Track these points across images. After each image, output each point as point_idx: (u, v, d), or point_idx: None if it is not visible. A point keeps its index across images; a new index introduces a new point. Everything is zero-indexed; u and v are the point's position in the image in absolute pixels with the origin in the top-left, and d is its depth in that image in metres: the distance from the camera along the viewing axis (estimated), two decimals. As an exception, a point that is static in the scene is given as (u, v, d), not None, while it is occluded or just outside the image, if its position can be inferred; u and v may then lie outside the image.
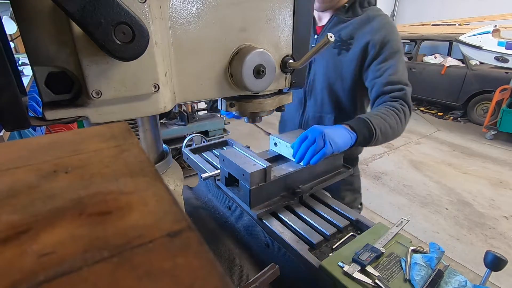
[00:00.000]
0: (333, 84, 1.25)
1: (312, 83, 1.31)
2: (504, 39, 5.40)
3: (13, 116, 0.42)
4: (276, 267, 0.72)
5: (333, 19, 1.23)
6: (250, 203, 0.89)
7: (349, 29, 1.18)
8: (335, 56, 1.21)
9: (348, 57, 1.18)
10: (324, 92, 1.29)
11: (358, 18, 1.18)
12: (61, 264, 0.18)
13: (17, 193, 0.26)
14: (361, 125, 0.99)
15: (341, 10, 1.21)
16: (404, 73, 1.14)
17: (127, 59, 0.44)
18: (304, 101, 1.38)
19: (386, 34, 1.13)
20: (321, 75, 1.27)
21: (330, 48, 1.21)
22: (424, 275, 0.67)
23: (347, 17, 1.20)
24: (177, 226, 0.22)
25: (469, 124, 5.77)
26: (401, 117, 1.06)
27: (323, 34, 1.24)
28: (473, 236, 2.76)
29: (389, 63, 1.12)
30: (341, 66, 1.21)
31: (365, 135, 0.99)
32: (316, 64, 1.28)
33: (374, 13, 1.18)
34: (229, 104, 0.71)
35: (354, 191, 1.46)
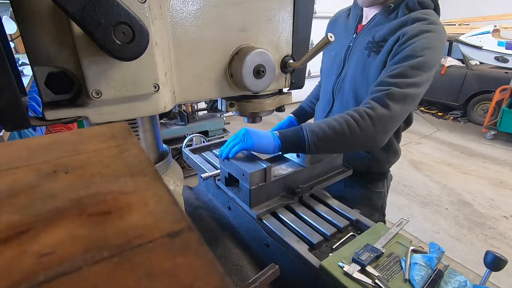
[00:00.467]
0: (359, 88, 1.16)
1: (341, 83, 1.23)
2: (504, 39, 5.40)
3: (13, 116, 0.42)
4: (276, 267, 0.72)
5: (375, 18, 1.12)
6: (250, 203, 0.89)
7: (384, 31, 1.06)
8: (365, 58, 1.11)
9: (376, 60, 1.07)
10: (350, 95, 1.20)
11: (398, 21, 1.05)
12: (61, 264, 0.18)
13: (17, 193, 0.25)
14: (292, 131, 0.94)
15: (385, 9, 1.09)
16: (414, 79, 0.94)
17: (127, 59, 0.44)
18: (332, 100, 1.30)
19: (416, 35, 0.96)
20: (350, 77, 1.19)
21: (362, 49, 1.12)
22: (424, 275, 0.67)
23: (389, 19, 1.08)
24: (177, 226, 0.22)
25: (469, 124, 5.77)
26: (360, 122, 0.91)
27: (362, 33, 1.15)
28: (473, 236, 2.76)
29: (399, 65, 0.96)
30: (369, 70, 1.10)
31: (294, 142, 0.92)
32: (348, 64, 1.19)
33: (419, 16, 1.01)
34: (229, 104, 0.71)
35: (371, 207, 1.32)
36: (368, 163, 1.25)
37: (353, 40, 1.19)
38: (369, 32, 1.13)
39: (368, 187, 1.31)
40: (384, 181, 1.34)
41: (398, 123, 0.99)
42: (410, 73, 0.94)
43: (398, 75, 0.95)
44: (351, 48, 1.19)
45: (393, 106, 0.93)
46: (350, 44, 1.20)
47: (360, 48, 1.14)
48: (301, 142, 0.91)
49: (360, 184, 1.31)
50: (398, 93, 0.93)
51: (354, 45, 1.17)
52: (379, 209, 1.36)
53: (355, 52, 1.17)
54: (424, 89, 0.99)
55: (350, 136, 0.91)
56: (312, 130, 0.91)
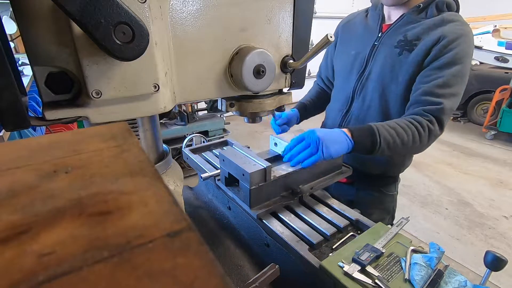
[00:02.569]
0: (386, 87, 1.14)
1: (365, 81, 1.20)
2: (504, 39, 5.40)
3: (13, 116, 0.42)
4: (276, 267, 0.72)
5: (403, 18, 1.12)
6: (250, 203, 0.89)
7: (418, 30, 1.07)
8: (395, 56, 1.10)
9: (409, 59, 1.07)
10: (375, 94, 1.17)
11: (431, 20, 1.06)
12: (61, 264, 0.18)
13: (17, 193, 0.25)
14: (365, 134, 0.96)
15: (414, 9, 1.10)
16: (456, 87, 1.01)
17: (127, 59, 0.44)
18: (351, 100, 1.26)
19: (455, 39, 1.00)
20: (375, 75, 1.16)
21: (391, 47, 1.11)
22: (424, 275, 0.67)
23: (419, 18, 1.09)
24: (177, 226, 0.22)
25: (469, 124, 5.77)
26: (422, 134, 0.99)
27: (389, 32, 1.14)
28: (473, 236, 2.76)
29: (444, 73, 1.00)
30: (399, 68, 1.10)
31: (366, 145, 0.96)
32: (374, 63, 1.17)
33: (451, 17, 1.05)
34: (229, 104, 0.71)
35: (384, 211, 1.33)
36: (385, 166, 1.25)
37: (379, 38, 1.17)
38: (398, 31, 1.12)
39: (381, 191, 1.30)
40: (396, 183, 1.34)
41: None
42: (453, 81, 1.01)
43: (444, 85, 1.00)
44: (376, 47, 1.17)
45: (445, 121, 1.03)
46: (375, 43, 1.18)
47: (389, 47, 1.13)
48: (373, 148, 0.96)
49: (373, 188, 1.30)
50: (448, 109, 1.01)
51: (380, 43, 1.16)
52: (390, 212, 1.36)
53: (382, 51, 1.16)
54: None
55: (411, 147, 1.00)
56: (385, 137, 0.96)
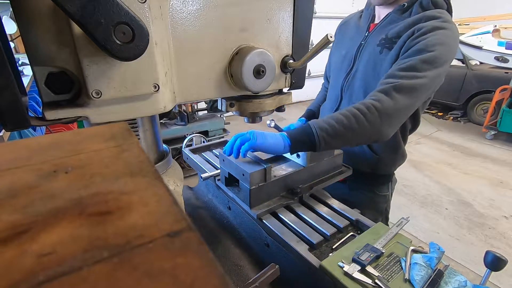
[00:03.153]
0: (370, 85, 1.15)
1: (351, 80, 1.22)
2: (504, 39, 5.40)
3: (13, 116, 0.42)
4: (276, 267, 0.72)
5: (388, 17, 1.13)
6: (250, 203, 0.89)
7: (398, 28, 1.07)
8: (377, 54, 1.11)
9: (389, 56, 1.07)
10: (360, 92, 1.19)
11: (411, 18, 1.06)
12: (61, 264, 0.18)
13: (17, 193, 0.25)
14: (300, 130, 0.93)
15: (399, 8, 1.11)
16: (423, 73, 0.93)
17: (127, 59, 0.44)
18: (340, 98, 1.28)
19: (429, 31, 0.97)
20: (360, 73, 1.18)
21: (374, 46, 1.12)
22: (424, 275, 0.67)
23: (403, 17, 1.09)
24: (177, 226, 0.22)
25: (469, 124, 5.77)
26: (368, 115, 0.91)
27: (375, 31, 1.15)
28: (473, 236, 2.76)
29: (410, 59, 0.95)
30: (381, 66, 1.10)
31: (304, 139, 0.91)
32: (360, 60, 1.18)
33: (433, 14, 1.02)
34: (229, 104, 0.71)
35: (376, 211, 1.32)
36: (375, 164, 1.25)
37: (365, 38, 1.19)
38: (382, 30, 1.13)
39: (373, 191, 1.30)
40: (389, 184, 1.33)
41: (404, 116, 0.98)
42: (420, 66, 0.93)
43: (408, 68, 0.94)
44: (362, 46, 1.19)
45: (399, 98, 0.92)
46: (361, 42, 1.20)
47: (372, 46, 1.14)
48: (310, 139, 0.90)
49: (365, 188, 1.30)
50: (406, 85, 0.92)
51: (366, 42, 1.18)
52: (383, 213, 1.35)
53: (366, 50, 1.17)
54: (434, 85, 0.99)
55: (358, 129, 0.91)
56: (320, 126, 0.90)
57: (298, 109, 3.91)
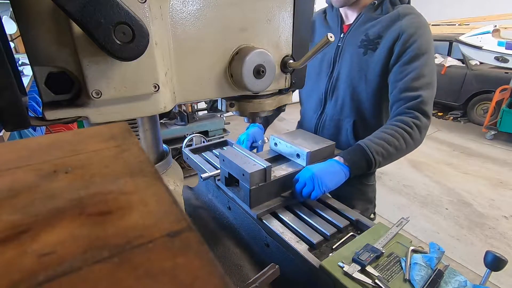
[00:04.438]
0: (357, 86, 1.18)
1: (335, 83, 1.24)
2: (504, 39, 5.40)
3: (13, 116, 0.42)
4: (276, 267, 0.72)
5: (361, 16, 1.16)
6: (250, 203, 0.89)
7: (377, 28, 1.11)
8: (360, 56, 1.14)
9: (374, 58, 1.11)
10: (346, 94, 1.22)
11: (388, 16, 1.10)
12: (61, 264, 0.18)
13: (17, 193, 0.25)
14: (357, 155, 0.98)
15: (370, 7, 1.14)
16: (429, 76, 1.05)
17: (127, 59, 0.44)
18: (324, 102, 1.31)
19: (414, 33, 1.05)
20: (344, 76, 1.20)
21: (355, 48, 1.15)
22: (424, 275, 0.67)
23: (376, 15, 1.13)
24: (177, 226, 0.22)
25: (469, 124, 5.77)
26: (412, 133, 1.02)
27: (350, 32, 1.18)
28: (473, 236, 2.76)
29: (413, 66, 1.04)
30: (367, 67, 1.14)
31: (362, 165, 0.98)
32: (341, 63, 1.21)
33: (405, 10, 1.10)
34: (229, 104, 0.71)
35: (367, 201, 1.38)
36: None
37: (341, 40, 1.21)
38: (358, 31, 1.16)
39: (363, 182, 1.34)
40: (374, 173, 1.39)
41: None
42: (424, 71, 1.04)
43: (417, 76, 1.04)
44: (341, 48, 1.21)
45: (428, 110, 1.05)
46: (338, 44, 1.21)
47: (353, 47, 1.17)
48: (368, 165, 0.99)
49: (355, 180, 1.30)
50: (427, 97, 1.04)
51: (344, 44, 1.20)
52: (372, 201, 1.41)
53: (346, 52, 1.19)
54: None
55: (406, 148, 1.03)
56: (377, 151, 0.98)
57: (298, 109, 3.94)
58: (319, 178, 0.91)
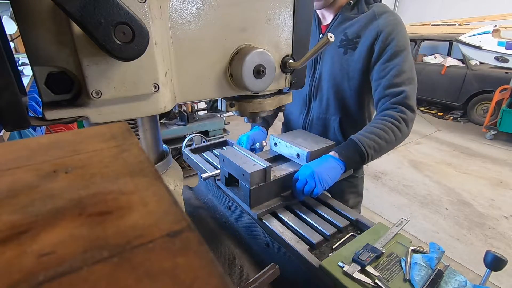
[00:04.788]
0: (340, 85, 1.22)
1: (318, 83, 1.28)
2: (504, 39, 5.40)
3: (13, 116, 0.42)
4: (276, 267, 0.72)
5: (338, 17, 1.19)
6: (250, 203, 0.89)
7: (355, 27, 1.15)
8: (341, 55, 1.18)
9: (355, 57, 1.15)
10: (330, 93, 1.26)
11: (364, 16, 1.15)
12: (61, 264, 0.18)
13: (17, 193, 0.25)
14: (351, 151, 1.02)
15: (346, 7, 1.18)
16: (409, 72, 1.11)
17: (127, 59, 0.44)
18: (308, 102, 1.35)
19: (392, 31, 1.10)
20: (327, 75, 1.24)
21: (335, 48, 1.18)
22: (424, 275, 0.67)
23: (352, 15, 1.17)
24: (177, 226, 0.22)
25: (469, 124, 5.77)
26: (400, 127, 1.07)
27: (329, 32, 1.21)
28: (473, 236, 2.76)
29: (393, 63, 1.10)
30: (348, 66, 1.18)
31: (356, 159, 1.02)
32: (322, 64, 1.26)
33: (380, 9, 1.14)
34: (229, 104, 0.71)
35: (358, 194, 1.43)
36: None
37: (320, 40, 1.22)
38: (337, 30, 1.20)
39: (353, 175, 1.37)
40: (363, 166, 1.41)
41: None
42: (404, 67, 1.09)
43: (399, 73, 1.08)
44: None
45: (412, 104, 1.10)
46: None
47: (333, 47, 1.20)
48: (361, 159, 1.02)
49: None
50: (410, 91, 1.09)
51: None
52: (361, 194, 1.45)
53: (327, 52, 1.23)
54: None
55: (395, 141, 1.07)
56: (369, 145, 1.02)
57: (298, 109, 3.90)
58: (319, 175, 0.93)
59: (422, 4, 8.16)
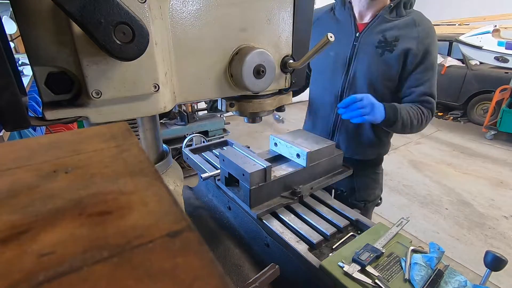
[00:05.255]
0: (375, 84, 1.26)
1: (352, 81, 1.30)
2: (504, 39, 5.40)
3: (13, 116, 0.42)
4: (276, 267, 0.72)
5: (378, 17, 1.22)
6: (250, 203, 0.89)
7: (394, 31, 1.19)
8: (377, 56, 1.22)
9: (392, 59, 1.20)
10: (364, 91, 1.27)
11: (403, 20, 1.19)
12: (61, 264, 0.18)
13: (17, 193, 0.25)
14: (392, 111, 1.14)
15: (386, 9, 1.21)
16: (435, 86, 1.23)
17: (127, 59, 0.44)
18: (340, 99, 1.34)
19: (430, 43, 1.18)
20: (362, 74, 1.27)
21: (373, 48, 1.22)
22: (424, 275, 0.67)
23: (391, 18, 1.21)
24: (177, 226, 0.22)
25: (469, 124, 5.76)
26: (424, 119, 1.21)
27: (367, 31, 1.24)
28: (473, 236, 2.76)
29: (428, 75, 1.20)
30: (384, 67, 1.22)
31: (390, 119, 1.14)
32: (357, 62, 1.27)
33: (419, 17, 1.20)
34: (229, 104, 0.71)
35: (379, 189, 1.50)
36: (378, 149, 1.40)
37: (357, 39, 1.26)
38: (375, 31, 1.22)
39: (375, 172, 1.45)
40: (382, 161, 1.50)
41: None
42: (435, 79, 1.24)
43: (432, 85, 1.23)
44: (356, 47, 1.26)
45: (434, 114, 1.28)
46: (354, 43, 1.27)
47: (370, 47, 1.23)
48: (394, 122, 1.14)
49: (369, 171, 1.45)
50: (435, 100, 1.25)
51: (360, 43, 1.25)
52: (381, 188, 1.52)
53: (363, 51, 1.25)
54: None
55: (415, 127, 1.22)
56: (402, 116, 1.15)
57: (298, 109, 3.90)
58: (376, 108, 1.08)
59: (422, 4, 8.13)
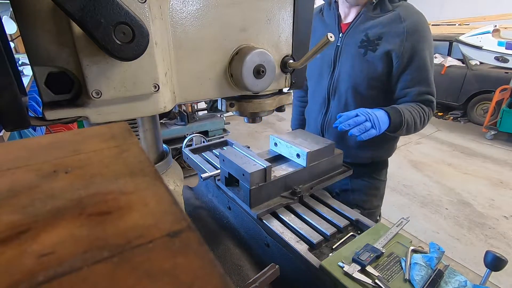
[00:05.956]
0: (359, 85, 1.21)
1: (336, 83, 1.26)
2: (504, 39, 5.39)
3: (13, 116, 0.42)
4: (276, 267, 0.72)
5: (361, 16, 1.16)
6: (250, 203, 0.89)
7: (378, 29, 1.12)
8: (360, 56, 1.16)
9: (374, 58, 1.13)
10: (349, 93, 1.24)
11: (387, 16, 1.12)
12: (61, 264, 0.18)
13: (17, 193, 0.25)
14: (396, 115, 1.08)
15: (369, 6, 1.14)
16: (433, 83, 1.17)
17: (127, 59, 0.44)
18: (327, 101, 1.33)
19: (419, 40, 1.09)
20: (346, 76, 1.23)
21: (356, 48, 1.16)
22: (424, 275, 0.67)
23: (375, 15, 1.14)
24: (177, 226, 0.22)
25: (469, 124, 5.76)
26: (425, 118, 1.17)
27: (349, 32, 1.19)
28: (473, 236, 2.76)
29: (422, 74, 1.13)
30: (367, 67, 1.16)
31: (396, 125, 1.08)
32: (341, 64, 1.23)
33: (406, 11, 1.11)
34: (229, 104, 0.71)
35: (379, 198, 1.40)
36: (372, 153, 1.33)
37: (340, 39, 1.22)
38: (357, 30, 1.17)
39: (374, 177, 1.36)
40: (386, 169, 1.42)
41: None
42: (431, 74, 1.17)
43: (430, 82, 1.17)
44: (339, 48, 1.22)
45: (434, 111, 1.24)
46: (337, 44, 1.22)
47: (353, 47, 1.18)
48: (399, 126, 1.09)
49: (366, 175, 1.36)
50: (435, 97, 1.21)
51: (343, 44, 1.21)
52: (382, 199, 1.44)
53: (346, 52, 1.21)
54: None
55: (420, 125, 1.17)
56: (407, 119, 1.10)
57: (298, 109, 3.87)
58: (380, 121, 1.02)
59: (422, 4, 8.14)
